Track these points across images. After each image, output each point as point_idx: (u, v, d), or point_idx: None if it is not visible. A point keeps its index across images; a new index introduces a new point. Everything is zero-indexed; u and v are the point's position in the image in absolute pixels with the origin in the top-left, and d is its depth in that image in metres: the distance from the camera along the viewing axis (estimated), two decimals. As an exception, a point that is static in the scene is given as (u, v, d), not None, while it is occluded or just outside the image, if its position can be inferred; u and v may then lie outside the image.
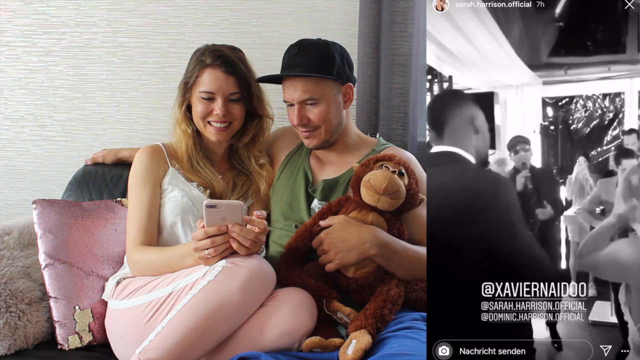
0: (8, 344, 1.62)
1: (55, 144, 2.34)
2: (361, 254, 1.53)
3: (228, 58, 1.70)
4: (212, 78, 1.68)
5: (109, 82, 2.28)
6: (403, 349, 1.33)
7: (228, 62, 1.69)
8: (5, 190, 2.39)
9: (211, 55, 1.69)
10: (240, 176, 1.80)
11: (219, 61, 1.69)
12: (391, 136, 2.08)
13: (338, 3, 2.15)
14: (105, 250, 1.77)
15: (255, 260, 1.47)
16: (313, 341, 1.44)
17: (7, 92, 2.34)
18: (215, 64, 1.69)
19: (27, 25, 2.30)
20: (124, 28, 2.26)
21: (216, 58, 1.69)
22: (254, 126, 1.79)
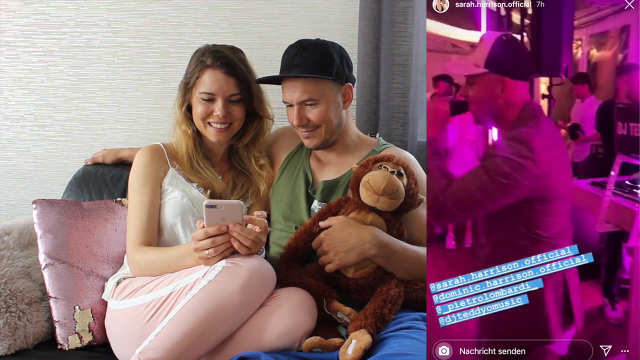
0: (8, 344, 1.62)
1: (55, 144, 2.34)
2: (361, 255, 1.53)
3: (228, 59, 1.70)
4: (213, 79, 1.68)
5: (109, 82, 2.28)
6: (403, 349, 1.33)
7: (228, 63, 1.69)
8: (5, 190, 2.39)
9: (212, 56, 1.69)
10: (240, 176, 1.80)
11: (220, 62, 1.69)
12: (391, 136, 2.08)
13: (338, 3, 2.15)
14: (105, 250, 1.77)
15: (256, 260, 1.47)
16: (313, 341, 1.44)
17: (7, 92, 2.34)
18: (215, 65, 1.68)
19: (27, 25, 2.30)
20: (124, 28, 2.26)
21: (217, 59, 1.69)
22: (254, 127, 1.79)
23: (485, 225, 1.23)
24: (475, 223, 1.24)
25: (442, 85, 1.23)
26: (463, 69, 1.23)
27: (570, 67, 1.22)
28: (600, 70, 1.22)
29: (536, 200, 1.20)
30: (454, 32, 1.23)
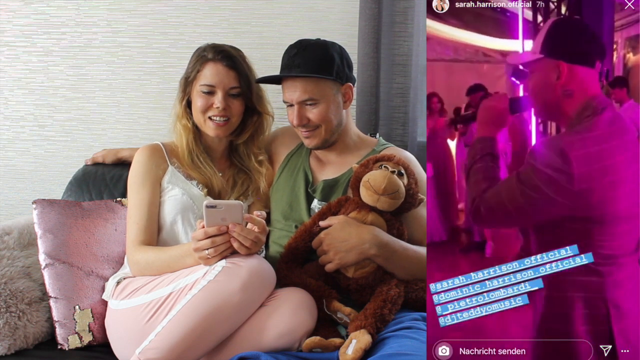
0: (8, 344, 1.62)
1: (55, 144, 2.34)
2: (361, 254, 1.53)
3: (229, 54, 1.72)
4: (213, 72, 1.69)
5: (109, 82, 2.28)
6: (403, 349, 1.33)
7: (230, 57, 1.71)
8: (5, 190, 2.39)
9: (213, 51, 1.71)
10: (240, 174, 1.80)
11: (221, 56, 1.70)
12: (391, 136, 2.08)
13: (338, 3, 2.15)
14: (105, 250, 1.77)
15: (255, 260, 1.47)
16: (313, 341, 1.44)
17: (7, 92, 2.34)
18: (217, 59, 1.70)
19: (27, 25, 2.30)
20: (124, 28, 2.26)
21: (218, 53, 1.71)
22: (253, 123, 1.79)
23: (535, 237, 1.13)
24: (526, 233, 1.14)
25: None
26: (519, 59, 1.12)
27: (610, 71, 1.13)
28: (635, 74, 1.13)
29: (582, 220, 1.07)
30: (484, 41, 1.16)
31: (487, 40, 1.17)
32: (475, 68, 1.19)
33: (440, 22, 1.19)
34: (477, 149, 1.12)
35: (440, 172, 1.30)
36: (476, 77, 1.17)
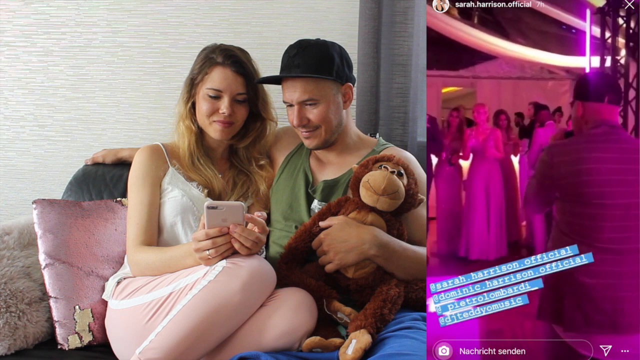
0: (8, 344, 1.62)
1: (55, 144, 2.34)
2: (361, 255, 1.53)
3: (239, 58, 1.71)
4: (222, 76, 1.69)
5: (109, 82, 2.29)
6: (403, 349, 1.33)
7: (239, 62, 1.70)
8: (5, 190, 2.39)
9: (222, 54, 1.70)
10: (240, 175, 1.80)
11: (230, 61, 1.69)
12: (391, 136, 2.08)
13: (338, 3, 2.15)
14: (105, 250, 1.77)
15: (256, 260, 1.47)
16: (313, 341, 1.44)
17: (7, 92, 2.34)
18: (226, 63, 1.69)
19: (27, 25, 2.30)
20: (124, 28, 2.26)
21: (227, 57, 1.69)
22: (256, 128, 1.79)
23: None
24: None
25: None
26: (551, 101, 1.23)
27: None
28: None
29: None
30: (550, 58, 1.21)
31: (553, 57, 1.23)
32: (540, 85, 1.24)
33: (507, 41, 1.21)
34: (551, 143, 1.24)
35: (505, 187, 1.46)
36: (541, 94, 1.25)
